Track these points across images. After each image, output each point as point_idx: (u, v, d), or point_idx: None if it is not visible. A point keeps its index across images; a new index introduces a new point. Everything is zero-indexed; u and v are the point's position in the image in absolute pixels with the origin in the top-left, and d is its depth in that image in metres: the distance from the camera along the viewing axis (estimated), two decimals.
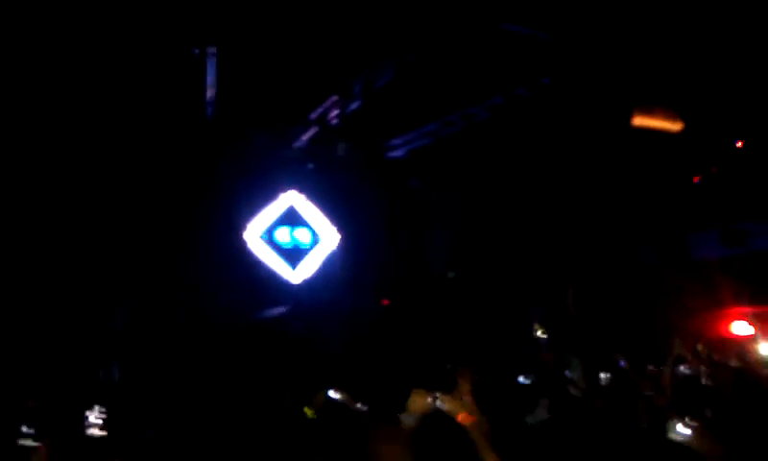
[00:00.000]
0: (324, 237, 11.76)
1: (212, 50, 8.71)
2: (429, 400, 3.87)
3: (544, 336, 11.12)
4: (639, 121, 9.56)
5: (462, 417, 3.92)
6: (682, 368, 6.62)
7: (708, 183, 11.27)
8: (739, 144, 10.74)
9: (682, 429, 2.96)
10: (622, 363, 6.54)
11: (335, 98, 9.79)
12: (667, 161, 10.97)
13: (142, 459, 3.12)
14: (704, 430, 3.09)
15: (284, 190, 11.48)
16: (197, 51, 8.72)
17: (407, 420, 3.82)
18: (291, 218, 11.53)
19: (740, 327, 11.06)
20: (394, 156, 12.12)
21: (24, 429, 4.78)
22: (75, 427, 5.03)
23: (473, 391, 5.44)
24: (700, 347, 7.04)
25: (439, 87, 9.95)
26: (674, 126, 9.86)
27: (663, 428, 3.21)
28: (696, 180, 11.26)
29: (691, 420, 3.03)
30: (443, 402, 3.90)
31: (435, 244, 12.53)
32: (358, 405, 5.46)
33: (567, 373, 6.29)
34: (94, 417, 5.10)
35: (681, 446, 3.02)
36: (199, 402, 5.43)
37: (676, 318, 10.70)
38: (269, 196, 11.33)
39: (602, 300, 11.71)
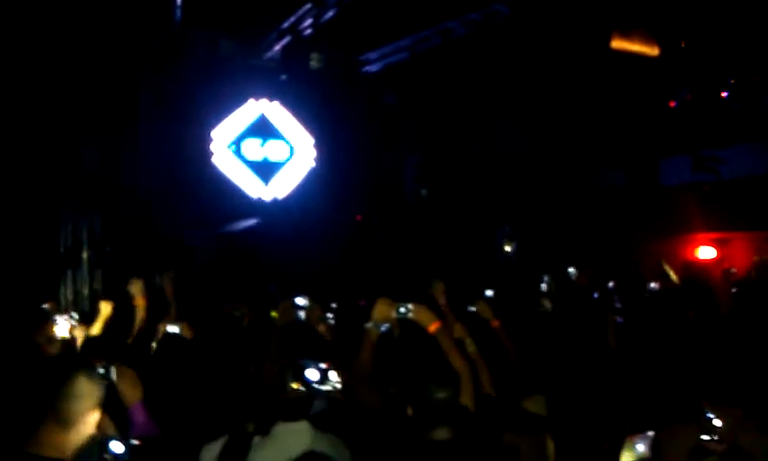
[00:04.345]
0: (297, 151, 11.59)
1: None
2: (395, 308, 3.83)
3: (511, 251, 11.20)
4: (617, 44, 9.47)
5: (432, 327, 3.92)
6: (653, 285, 6.69)
7: (681, 110, 11.24)
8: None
9: None
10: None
11: (308, 6, 9.46)
12: (642, 86, 10.93)
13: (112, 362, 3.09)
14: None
15: (254, 99, 11.24)
16: None
17: (372, 327, 3.80)
18: (263, 129, 11.31)
19: (706, 252, 11.28)
20: (369, 70, 11.89)
21: None
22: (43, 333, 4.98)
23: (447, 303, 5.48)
24: (667, 268, 7.11)
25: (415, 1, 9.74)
26: (651, 50, 9.79)
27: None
28: (671, 105, 11.22)
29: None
30: (410, 311, 3.87)
31: (409, 161, 12.44)
32: (328, 314, 5.47)
33: (543, 286, 6.32)
34: (64, 321, 5.04)
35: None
36: (166, 311, 5.37)
37: (644, 241, 10.83)
38: (239, 106, 11.10)
39: (571, 220, 11.79)
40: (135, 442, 2.35)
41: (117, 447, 2.32)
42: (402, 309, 3.88)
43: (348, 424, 3.15)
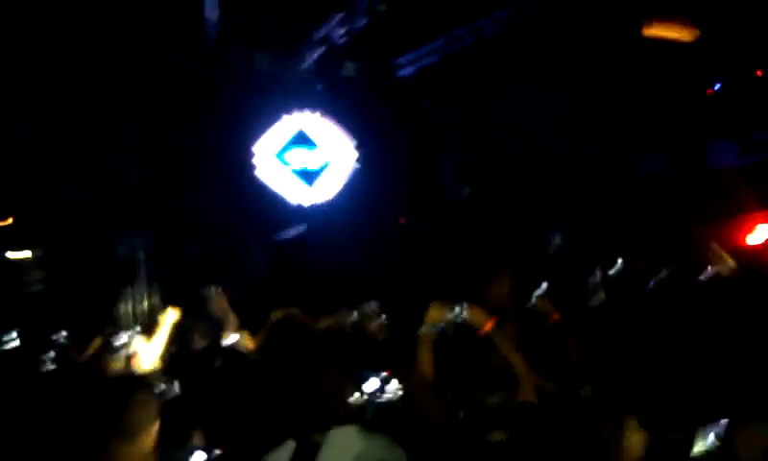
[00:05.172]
0: (338, 158, 11.70)
1: None
2: (448, 310, 3.81)
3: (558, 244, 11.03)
4: (651, 31, 9.33)
5: (487, 327, 3.89)
6: (708, 269, 6.52)
7: (724, 93, 11.00)
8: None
9: None
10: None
11: (340, 15, 9.52)
12: (684, 70, 10.74)
13: (174, 377, 3.14)
14: None
15: (293, 111, 11.38)
16: None
17: (426, 330, 3.78)
18: (303, 139, 11.47)
19: (756, 235, 10.97)
20: (403, 74, 11.90)
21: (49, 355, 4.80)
22: (102, 352, 5.06)
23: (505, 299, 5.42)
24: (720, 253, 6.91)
25: (445, 1, 9.74)
26: (688, 35, 9.61)
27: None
28: (711, 91, 10.99)
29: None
30: (463, 312, 3.84)
31: (449, 161, 12.40)
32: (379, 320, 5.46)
33: (594, 280, 6.22)
34: (120, 342, 5.11)
35: None
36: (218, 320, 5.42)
37: (692, 226, 10.61)
38: (278, 119, 11.24)
39: (617, 210, 11.59)
40: (217, 451, 2.37)
41: (200, 457, 2.34)
42: (455, 311, 3.85)
43: (402, 425, 3.14)
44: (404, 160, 11.97)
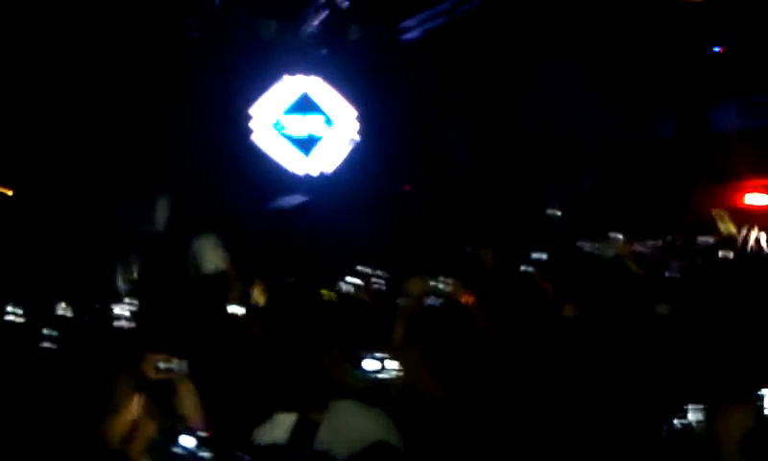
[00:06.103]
0: (340, 125, 11.66)
1: None
2: (428, 282, 3.90)
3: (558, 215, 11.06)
4: None
5: (467, 300, 3.98)
6: (700, 238, 6.56)
7: (727, 54, 10.89)
8: None
9: None
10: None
11: None
12: (686, 32, 10.64)
13: (170, 349, 3.25)
14: None
15: (295, 75, 11.32)
16: None
17: (406, 303, 3.86)
18: (304, 105, 11.42)
19: (756, 199, 10.94)
20: (409, 37, 11.80)
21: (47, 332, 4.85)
22: (102, 321, 5.18)
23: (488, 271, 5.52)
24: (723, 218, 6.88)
25: None
26: None
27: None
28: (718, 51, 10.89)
29: None
30: (444, 285, 3.94)
31: (452, 127, 12.34)
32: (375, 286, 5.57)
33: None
34: (120, 310, 5.21)
35: None
36: (219, 289, 5.55)
37: (693, 190, 10.60)
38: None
39: (616, 176, 11.55)
40: (204, 434, 2.41)
41: (187, 441, 2.38)
42: (436, 284, 3.93)
43: (398, 402, 3.24)
44: (410, 126, 11.89)
